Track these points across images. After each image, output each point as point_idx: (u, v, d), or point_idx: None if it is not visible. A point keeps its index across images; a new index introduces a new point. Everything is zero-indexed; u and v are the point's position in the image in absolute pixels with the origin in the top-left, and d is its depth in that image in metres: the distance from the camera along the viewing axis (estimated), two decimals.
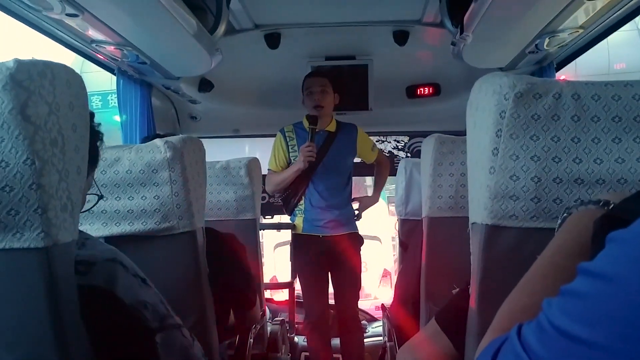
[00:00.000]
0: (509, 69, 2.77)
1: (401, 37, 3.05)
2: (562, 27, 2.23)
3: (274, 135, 3.38)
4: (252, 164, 2.70)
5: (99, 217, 1.59)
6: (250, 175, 2.66)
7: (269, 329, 3.04)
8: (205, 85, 3.46)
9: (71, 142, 0.94)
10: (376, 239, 7.61)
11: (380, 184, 3.58)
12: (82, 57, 2.63)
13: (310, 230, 3.27)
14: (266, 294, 3.57)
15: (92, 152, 1.31)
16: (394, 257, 7.38)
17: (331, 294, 3.38)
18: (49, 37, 2.28)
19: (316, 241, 3.25)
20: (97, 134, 1.34)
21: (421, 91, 3.71)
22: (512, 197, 1.02)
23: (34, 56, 0.93)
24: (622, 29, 2.29)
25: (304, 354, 3.63)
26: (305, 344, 3.57)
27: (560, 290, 0.53)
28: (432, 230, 2.09)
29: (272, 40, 3.06)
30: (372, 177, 3.70)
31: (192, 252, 1.66)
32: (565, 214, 0.82)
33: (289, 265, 3.56)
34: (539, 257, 0.78)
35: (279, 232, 5.56)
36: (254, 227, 2.79)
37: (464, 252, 1.18)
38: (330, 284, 3.38)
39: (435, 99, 3.72)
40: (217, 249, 1.85)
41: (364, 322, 4.00)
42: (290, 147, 3.30)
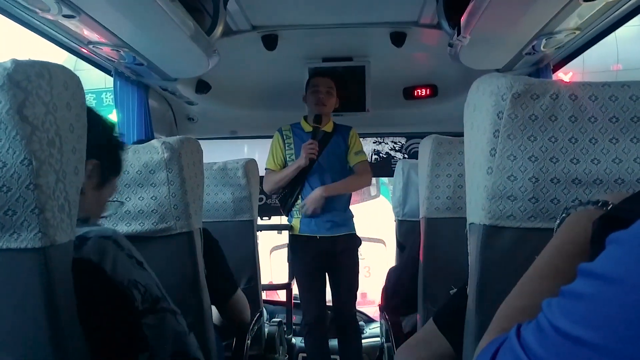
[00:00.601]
0: (506, 71, 2.77)
1: (398, 38, 3.04)
2: (558, 29, 2.23)
3: (271, 136, 3.38)
4: (250, 165, 2.69)
5: None
6: (247, 176, 2.66)
7: (266, 330, 3.03)
8: (202, 86, 3.46)
9: (69, 143, 0.94)
10: (380, 241, 7.53)
11: (346, 183, 3.32)
12: (79, 58, 2.63)
13: (307, 231, 3.27)
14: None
15: (115, 161, 1.38)
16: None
17: (329, 295, 3.38)
18: (45, 38, 2.28)
19: (313, 242, 3.25)
20: (119, 144, 1.39)
21: (418, 92, 3.72)
22: (509, 197, 1.02)
23: (26, 55, 0.92)
24: (631, 24, 2.28)
25: (301, 355, 3.62)
26: (302, 345, 3.57)
27: (560, 290, 0.53)
28: (430, 230, 2.09)
29: (270, 41, 3.06)
30: (375, 178, 3.67)
31: (190, 253, 1.66)
32: (563, 215, 0.82)
33: (286, 267, 3.56)
34: (538, 258, 0.78)
35: (280, 233, 5.53)
36: (252, 229, 2.78)
37: (461, 252, 1.18)
38: (328, 285, 3.38)
39: (432, 101, 3.73)
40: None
41: (362, 322, 3.99)
42: (287, 145, 3.32)
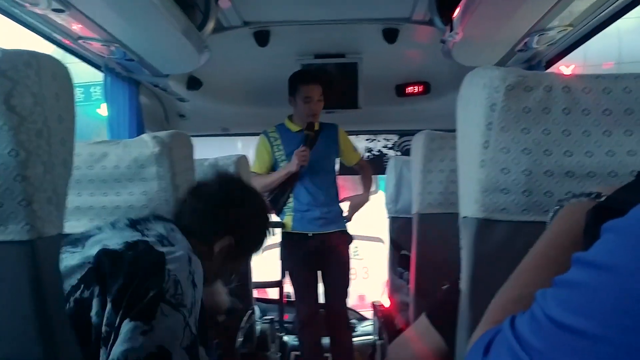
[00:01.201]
0: None
1: (391, 35, 3.05)
2: (551, 25, 2.24)
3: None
4: (241, 162, 2.67)
5: (85, 212, 1.57)
6: (239, 172, 2.64)
7: (258, 327, 3.02)
8: (193, 83, 3.45)
9: (57, 134, 0.93)
10: (378, 240, 7.46)
11: (368, 184, 3.56)
12: (68, 53, 2.60)
13: (299, 228, 3.27)
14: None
15: (252, 244, 1.59)
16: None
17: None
18: (34, 32, 2.25)
19: (305, 239, 3.26)
20: (265, 229, 1.60)
21: (411, 90, 3.71)
22: (503, 190, 1.02)
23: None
24: (632, 16, 2.27)
25: (293, 353, 3.62)
26: (295, 343, 3.56)
27: (554, 281, 0.52)
28: (423, 226, 2.09)
29: (261, 37, 3.05)
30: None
31: None
32: (557, 207, 0.81)
33: (278, 264, 3.54)
34: (531, 250, 0.77)
35: (273, 234, 5.48)
36: None
37: (454, 248, 1.17)
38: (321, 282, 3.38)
39: (424, 98, 3.72)
40: None
41: (354, 320, 3.99)
42: (275, 146, 3.31)
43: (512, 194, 1.02)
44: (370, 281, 6.89)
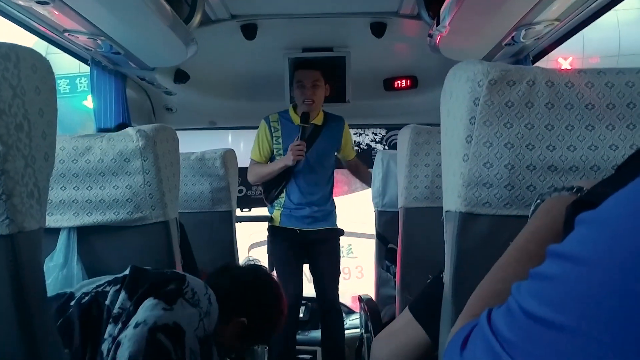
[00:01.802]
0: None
1: (378, 29, 3.04)
2: (537, 20, 2.24)
3: (251, 127, 3.36)
4: (228, 155, 2.67)
5: (70, 206, 1.56)
6: (225, 166, 2.64)
7: None
8: (180, 76, 3.42)
9: (38, 128, 0.92)
10: (373, 237, 7.28)
11: (368, 177, 3.49)
12: (54, 46, 2.58)
13: (287, 224, 3.26)
14: None
15: (262, 334, 1.80)
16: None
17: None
18: (18, 24, 2.23)
19: (293, 234, 3.25)
20: (277, 321, 1.78)
21: (398, 84, 3.71)
22: (485, 184, 1.02)
23: None
24: (633, 7, 2.27)
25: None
26: None
27: (529, 273, 0.52)
28: (408, 220, 2.10)
29: (249, 31, 3.03)
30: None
31: (166, 243, 1.64)
32: (538, 201, 0.82)
33: (267, 259, 3.54)
34: (512, 244, 0.78)
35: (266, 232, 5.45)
36: (230, 220, 2.77)
37: (439, 242, 1.17)
38: (312, 277, 3.38)
39: (412, 92, 3.72)
40: None
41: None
42: (274, 138, 3.26)
43: (495, 188, 1.02)
44: (364, 281, 6.81)
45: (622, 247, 0.40)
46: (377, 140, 4.22)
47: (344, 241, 7.06)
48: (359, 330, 3.38)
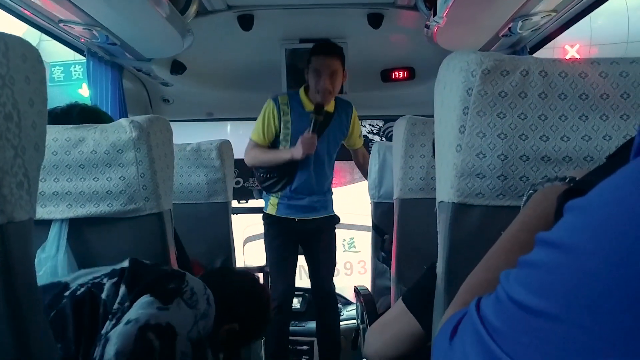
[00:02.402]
0: None
1: (375, 19, 3.03)
2: (534, 11, 2.23)
3: (248, 118, 3.34)
4: (224, 147, 2.67)
5: (63, 198, 1.55)
6: (221, 157, 2.63)
7: None
8: (177, 67, 3.41)
9: (28, 118, 0.91)
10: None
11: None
12: (49, 37, 2.57)
13: (285, 213, 3.22)
14: None
15: (252, 337, 1.76)
16: None
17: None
18: (13, 15, 2.22)
19: (290, 224, 3.22)
20: (266, 321, 1.78)
21: (395, 75, 3.69)
22: (478, 175, 1.02)
23: None
24: None
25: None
26: None
27: (518, 261, 0.52)
28: (404, 211, 2.10)
29: (245, 21, 3.02)
30: None
31: (160, 235, 1.63)
32: (531, 191, 0.81)
33: (260, 258, 3.54)
34: (504, 233, 0.77)
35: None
36: (226, 211, 2.76)
37: (434, 233, 1.17)
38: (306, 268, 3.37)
39: (409, 83, 3.71)
40: None
41: (339, 305, 4.01)
42: (283, 122, 3.10)
43: (488, 179, 1.02)
44: (367, 276, 6.79)
45: (606, 234, 0.40)
46: (375, 131, 4.22)
47: (346, 235, 6.99)
48: (355, 321, 3.39)
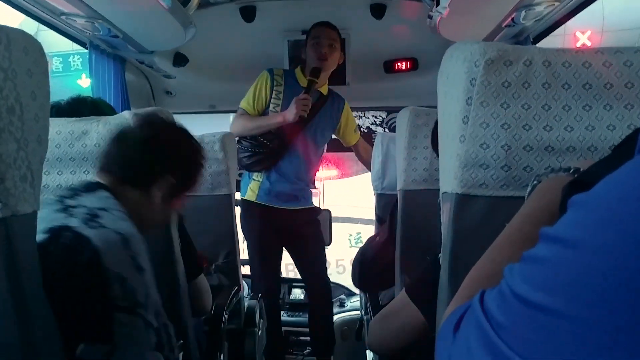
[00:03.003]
0: None
1: (378, 10, 3.03)
2: (538, 0, 2.22)
3: None
4: (227, 139, 2.66)
5: None
6: (225, 150, 2.62)
7: (246, 304, 3.03)
8: (179, 59, 3.41)
9: (30, 111, 0.92)
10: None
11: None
12: (51, 29, 2.57)
13: (265, 200, 3.12)
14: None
15: (190, 181, 1.55)
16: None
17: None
18: (14, 7, 2.21)
19: (270, 212, 3.13)
20: (200, 166, 1.56)
21: (398, 66, 3.68)
22: (482, 165, 1.01)
23: None
24: None
25: (283, 329, 3.63)
26: (285, 319, 3.58)
27: (522, 256, 0.52)
28: (407, 202, 2.09)
29: (248, 13, 3.02)
30: None
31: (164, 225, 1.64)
32: (535, 182, 0.81)
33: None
34: (508, 225, 0.77)
35: None
36: (230, 203, 2.76)
37: (438, 224, 1.17)
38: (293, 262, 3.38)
39: (412, 74, 3.69)
40: None
41: (343, 296, 4.02)
42: (275, 92, 3.04)
43: (491, 169, 1.01)
44: None
45: (611, 230, 0.40)
46: (378, 123, 4.20)
47: (353, 229, 6.95)
48: (359, 312, 3.40)
